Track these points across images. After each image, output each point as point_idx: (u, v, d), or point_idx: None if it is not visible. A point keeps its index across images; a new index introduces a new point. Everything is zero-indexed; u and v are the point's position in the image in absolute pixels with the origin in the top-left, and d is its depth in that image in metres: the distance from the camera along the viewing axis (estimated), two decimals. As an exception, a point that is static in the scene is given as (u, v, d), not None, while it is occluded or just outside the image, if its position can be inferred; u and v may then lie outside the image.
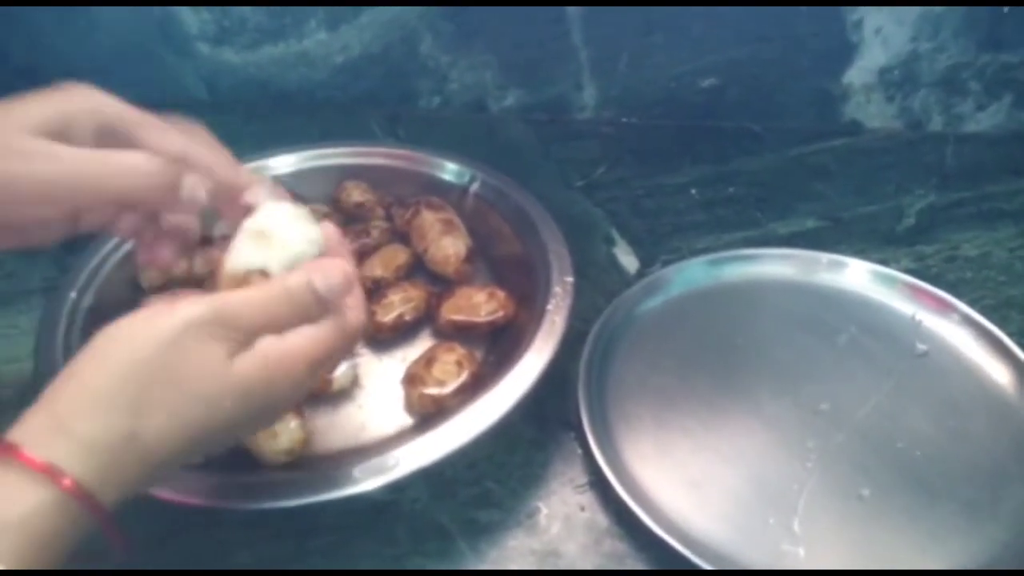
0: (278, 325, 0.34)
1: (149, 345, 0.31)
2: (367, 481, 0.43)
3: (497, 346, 0.54)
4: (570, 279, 0.53)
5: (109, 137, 0.38)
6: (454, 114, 0.84)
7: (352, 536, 0.46)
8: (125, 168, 0.37)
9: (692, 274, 0.61)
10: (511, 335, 0.53)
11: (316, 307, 0.36)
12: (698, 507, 0.46)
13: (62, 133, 0.37)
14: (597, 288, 0.61)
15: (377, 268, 0.58)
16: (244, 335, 0.33)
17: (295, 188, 0.65)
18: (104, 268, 0.56)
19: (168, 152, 0.39)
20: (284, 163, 0.67)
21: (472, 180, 0.64)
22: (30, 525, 0.28)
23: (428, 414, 0.49)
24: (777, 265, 0.61)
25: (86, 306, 0.54)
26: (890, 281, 0.59)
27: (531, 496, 0.48)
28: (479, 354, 0.53)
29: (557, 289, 0.52)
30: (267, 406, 0.35)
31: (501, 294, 0.55)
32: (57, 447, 0.29)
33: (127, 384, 0.31)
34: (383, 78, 0.83)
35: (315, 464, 0.48)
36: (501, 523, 0.47)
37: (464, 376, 0.49)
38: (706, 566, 0.42)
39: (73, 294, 0.54)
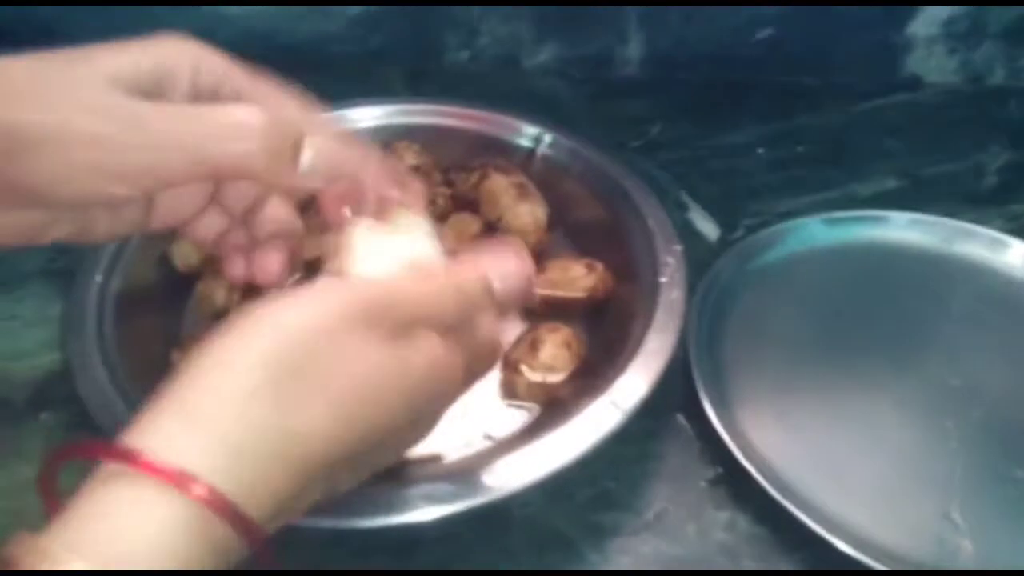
0: (442, 323, 0.28)
1: (299, 331, 0.25)
2: (475, 496, 0.36)
3: (599, 326, 0.48)
4: (678, 247, 0.48)
5: (210, 99, 0.31)
6: (484, 70, 0.76)
7: (461, 550, 0.40)
8: (228, 126, 0.29)
9: (800, 236, 0.56)
10: (613, 313, 0.47)
11: (483, 311, 0.31)
12: (845, 499, 0.42)
13: (154, 92, 0.30)
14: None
15: (449, 240, 0.51)
16: (403, 328, 0.27)
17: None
18: (128, 246, 0.48)
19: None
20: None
21: (539, 140, 0.57)
22: (160, 550, 0.21)
23: (534, 403, 0.43)
24: (899, 230, 0.57)
25: (115, 290, 0.46)
26: (1008, 249, 0.55)
27: (656, 494, 0.43)
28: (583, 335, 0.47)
29: (668, 259, 0.46)
30: (426, 412, 0.29)
31: (599, 266, 0.48)
32: (187, 449, 0.23)
33: (275, 373, 0.24)
34: (405, 30, 0.75)
35: (407, 469, 0.41)
36: (628, 526, 0.41)
37: (577, 361, 0.43)
38: (876, 565, 0.38)
39: (99, 278, 0.46)
